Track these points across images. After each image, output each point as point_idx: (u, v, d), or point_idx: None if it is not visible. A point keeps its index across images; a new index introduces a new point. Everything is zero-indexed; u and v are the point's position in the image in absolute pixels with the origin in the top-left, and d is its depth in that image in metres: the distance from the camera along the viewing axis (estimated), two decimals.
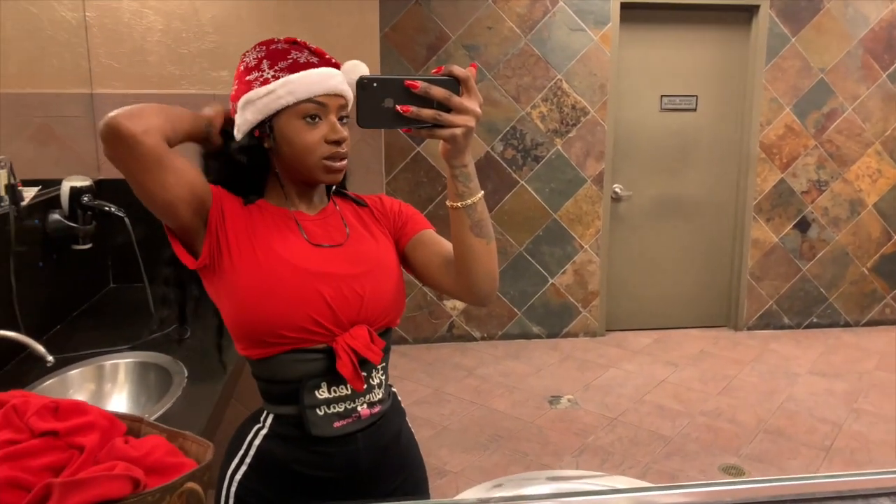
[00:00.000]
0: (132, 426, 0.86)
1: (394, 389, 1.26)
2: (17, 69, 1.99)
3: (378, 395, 1.15)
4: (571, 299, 4.40)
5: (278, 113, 1.08)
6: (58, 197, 1.99)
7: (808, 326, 4.61)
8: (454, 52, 4.00)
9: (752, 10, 4.22)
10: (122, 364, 1.75)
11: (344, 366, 1.07)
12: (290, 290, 1.06)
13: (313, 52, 1.12)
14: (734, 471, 2.86)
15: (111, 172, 2.37)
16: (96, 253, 2.14)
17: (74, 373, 1.67)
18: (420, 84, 0.90)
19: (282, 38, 1.13)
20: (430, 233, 1.21)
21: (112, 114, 0.96)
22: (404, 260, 1.21)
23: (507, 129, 4.13)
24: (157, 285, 1.21)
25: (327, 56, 1.13)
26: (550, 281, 4.35)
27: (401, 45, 3.96)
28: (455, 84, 0.92)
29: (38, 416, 0.75)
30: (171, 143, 1.02)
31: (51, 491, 0.68)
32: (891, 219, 4.56)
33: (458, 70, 0.92)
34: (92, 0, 2.29)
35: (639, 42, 4.21)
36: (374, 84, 0.90)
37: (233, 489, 1.15)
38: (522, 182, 4.21)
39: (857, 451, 3.04)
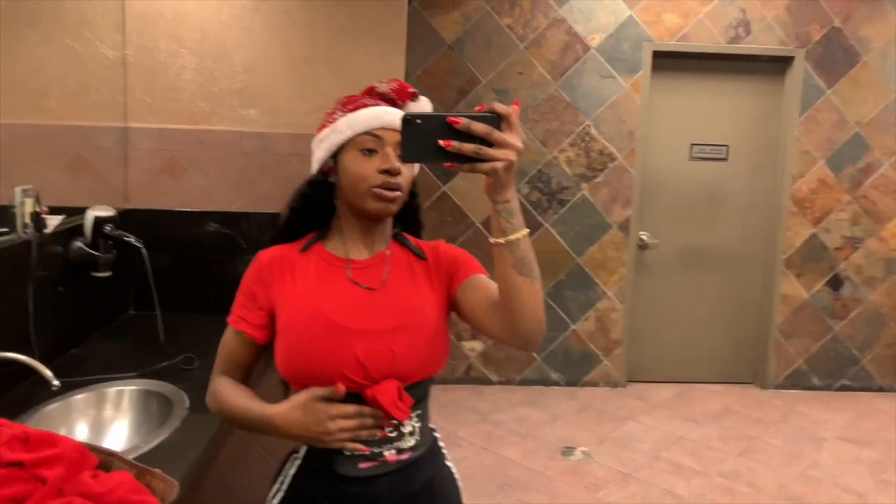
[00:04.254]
0: (104, 460, 0.88)
1: (436, 434, 1.28)
2: (57, 102, 2.08)
3: (409, 441, 1.18)
4: (593, 347, 4.33)
5: (342, 148, 1.17)
6: (82, 225, 2.06)
7: (839, 389, 4.44)
8: (484, 95, 4.06)
9: (786, 62, 4.19)
10: (126, 391, 1.77)
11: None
12: (325, 347, 1.11)
13: (384, 97, 1.20)
14: None
15: (139, 202, 2.46)
16: (116, 280, 2.20)
17: (79, 398, 1.70)
18: (462, 120, 0.91)
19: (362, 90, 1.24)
20: (481, 277, 1.21)
21: (208, 397, 1.24)
22: (456, 305, 1.22)
23: (534, 171, 4.15)
24: None
25: (410, 90, 1.21)
26: (572, 327, 4.30)
27: (432, 87, 4.03)
28: (497, 120, 0.92)
29: (7, 446, 0.77)
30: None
31: None
32: None
33: (500, 106, 0.93)
34: (132, 40, 2.40)
35: (670, 90, 4.21)
36: (418, 120, 0.92)
37: None
38: (547, 225, 4.20)
39: None
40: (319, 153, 1.21)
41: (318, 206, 1.24)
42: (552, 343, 4.29)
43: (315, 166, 1.23)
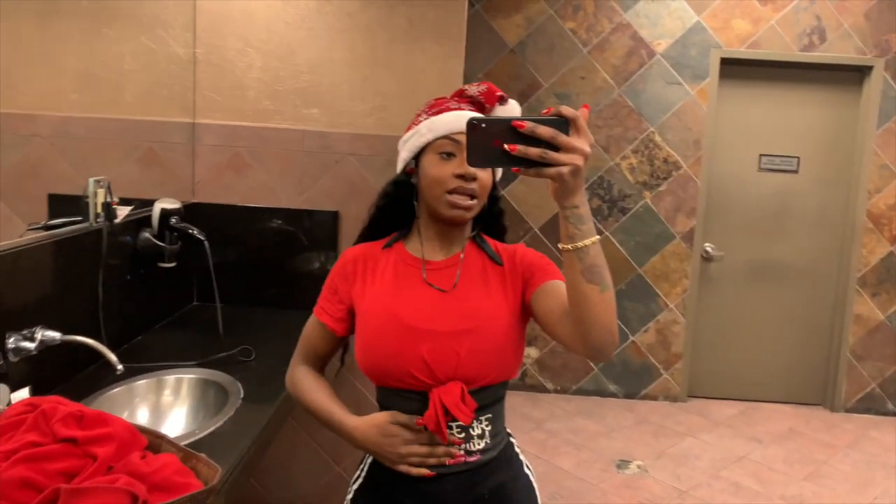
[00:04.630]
0: (153, 441, 0.90)
1: (512, 440, 1.27)
2: (132, 98, 2.16)
3: (479, 444, 1.17)
4: (652, 360, 4.22)
5: (423, 150, 1.19)
6: (150, 217, 2.13)
7: None
8: (545, 99, 4.02)
9: (864, 71, 4.00)
10: (185, 379, 1.82)
11: (429, 418, 1.11)
12: (394, 345, 1.14)
13: (472, 100, 1.21)
14: None
15: (204, 196, 2.52)
16: (181, 272, 2.27)
17: (141, 383, 1.76)
18: (527, 124, 0.89)
19: (452, 91, 1.26)
20: (556, 283, 1.17)
21: (287, 379, 1.33)
22: (531, 311, 1.20)
23: (595, 178, 4.08)
24: None
25: (498, 93, 1.21)
26: (631, 338, 4.20)
27: None
28: (564, 124, 0.90)
29: (63, 423, 0.80)
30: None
31: (59, 495, 0.71)
32: None
33: (566, 110, 0.90)
34: (202, 38, 2.47)
35: (738, 98, 4.08)
36: (484, 125, 0.91)
37: (348, 497, 1.29)
38: (607, 233, 4.12)
39: None
40: (403, 154, 1.24)
41: (401, 206, 1.26)
42: None
43: (399, 166, 1.26)
